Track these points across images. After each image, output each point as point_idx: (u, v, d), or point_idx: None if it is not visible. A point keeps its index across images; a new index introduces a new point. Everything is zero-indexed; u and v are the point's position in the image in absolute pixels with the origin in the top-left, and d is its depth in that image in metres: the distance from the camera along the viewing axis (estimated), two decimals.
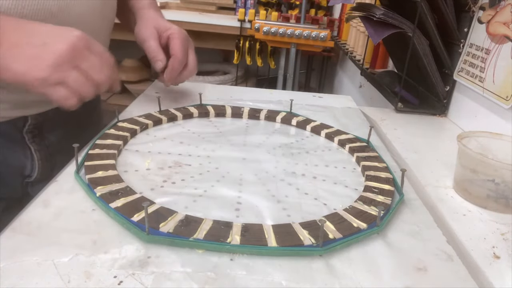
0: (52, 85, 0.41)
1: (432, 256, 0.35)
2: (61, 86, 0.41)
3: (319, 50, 1.96)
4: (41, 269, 0.29)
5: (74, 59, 0.42)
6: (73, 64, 0.42)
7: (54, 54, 0.41)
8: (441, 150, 0.60)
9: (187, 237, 0.33)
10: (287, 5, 2.24)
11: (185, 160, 0.48)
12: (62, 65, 0.41)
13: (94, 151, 0.46)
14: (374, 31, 0.70)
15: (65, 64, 0.41)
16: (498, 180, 0.43)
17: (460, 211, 0.44)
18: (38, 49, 0.40)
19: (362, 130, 0.61)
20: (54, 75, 0.41)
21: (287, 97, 0.73)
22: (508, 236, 0.40)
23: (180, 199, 0.40)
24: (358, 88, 1.55)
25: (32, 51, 0.40)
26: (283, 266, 0.32)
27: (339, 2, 1.45)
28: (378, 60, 1.24)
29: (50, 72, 0.40)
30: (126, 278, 0.29)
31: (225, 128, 0.59)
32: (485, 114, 0.65)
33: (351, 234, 0.35)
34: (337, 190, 0.44)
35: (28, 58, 0.40)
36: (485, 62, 0.64)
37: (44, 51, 0.40)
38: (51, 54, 0.41)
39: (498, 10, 0.63)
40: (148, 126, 0.56)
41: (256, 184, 0.44)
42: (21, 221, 0.34)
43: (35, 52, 0.40)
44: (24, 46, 0.41)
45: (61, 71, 0.41)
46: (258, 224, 0.36)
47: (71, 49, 0.41)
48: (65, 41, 0.42)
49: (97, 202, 0.38)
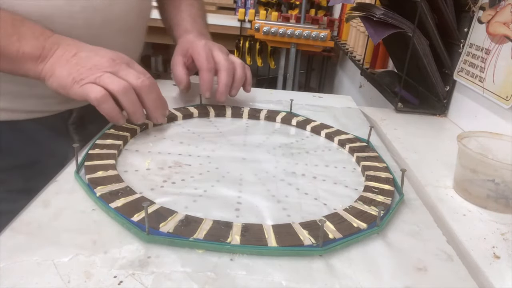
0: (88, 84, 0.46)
1: (432, 256, 0.35)
2: (95, 84, 0.46)
3: (319, 50, 1.96)
4: (41, 269, 0.29)
5: (111, 67, 0.47)
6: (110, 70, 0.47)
7: (93, 61, 0.47)
8: (441, 150, 0.60)
9: (187, 237, 0.33)
10: (287, 5, 2.24)
11: (185, 160, 0.48)
12: (99, 69, 0.46)
13: (94, 151, 0.46)
14: (374, 31, 0.70)
15: (101, 69, 0.46)
16: (498, 180, 0.43)
17: (460, 211, 0.44)
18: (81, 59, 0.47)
19: (362, 130, 0.61)
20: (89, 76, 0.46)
21: (287, 97, 0.73)
22: (508, 236, 0.40)
23: (180, 199, 0.40)
24: (358, 88, 1.55)
25: (76, 61, 0.47)
26: (283, 266, 0.32)
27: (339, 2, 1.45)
28: (378, 60, 1.24)
29: (85, 73, 0.46)
30: (126, 278, 0.29)
31: (225, 128, 0.59)
32: (485, 114, 0.65)
33: (351, 234, 0.35)
34: (337, 190, 0.44)
35: (71, 64, 0.47)
36: (485, 62, 0.64)
37: (85, 61, 0.47)
38: (91, 62, 0.47)
39: (498, 10, 0.63)
40: (148, 126, 0.56)
41: (256, 184, 0.44)
42: (21, 221, 0.35)
43: (78, 61, 0.47)
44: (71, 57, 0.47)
45: (96, 73, 0.46)
46: (258, 224, 0.36)
47: (110, 60, 0.48)
48: (105, 55, 0.48)
49: (97, 202, 0.38)
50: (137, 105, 0.49)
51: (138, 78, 0.48)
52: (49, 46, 0.48)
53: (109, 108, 0.47)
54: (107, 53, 0.49)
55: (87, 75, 0.46)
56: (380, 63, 1.24)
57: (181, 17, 0.72)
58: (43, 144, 0.62)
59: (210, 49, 0.62)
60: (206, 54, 0.61)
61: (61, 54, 0.48)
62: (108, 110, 0.47)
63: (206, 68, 0.60)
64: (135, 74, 0.48)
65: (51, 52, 0.48)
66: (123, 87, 0.46)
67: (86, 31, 0.57)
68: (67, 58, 0.47)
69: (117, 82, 0.46)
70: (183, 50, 0.65)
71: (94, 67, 0.46)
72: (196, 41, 0.63)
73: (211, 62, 0.61)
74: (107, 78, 0.46)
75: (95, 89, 0.45)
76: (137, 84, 0.48)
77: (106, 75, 0.46)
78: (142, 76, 0.49)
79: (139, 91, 0.49)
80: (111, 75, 0.47)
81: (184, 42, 0.66)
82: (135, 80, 0.48)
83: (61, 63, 0.47)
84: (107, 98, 0.46)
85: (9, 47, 0.47)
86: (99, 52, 0.49)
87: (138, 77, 0.48)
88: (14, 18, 0.48)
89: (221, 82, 0.61)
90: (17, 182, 0.38)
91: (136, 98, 0.48)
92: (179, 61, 0.64)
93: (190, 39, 0.65)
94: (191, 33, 0.68)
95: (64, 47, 0.48)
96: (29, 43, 0.47)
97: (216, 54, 0.62)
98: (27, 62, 0.48)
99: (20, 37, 0.47)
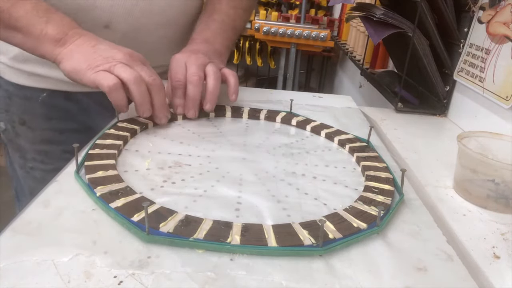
0: (101, 71, 0.48)
1: (432, 256, 0.35)
2: (108, 72, 0.48)
3: (319, 50, 1.96)
4: (41, 269, 0.29)
5: (126, 60, 0.50)
6: (125, 62, 0.49)
7: (110, 53, 0.50)
8: (441, 150, 0.60)
9: (187, 237, 0.33)
10: (287, 5, 2.24)
11: (185, 160, 0.48)
12: (115, 59, 0.49)
13: (94, 151, 0.46)
14: (374, 31, 0.70)
15: (117, 60, 0.49)
16: (498, 180, 0.43)
17: (460, 211, 0.44)
18: (99, 49, 0.50)
19: (362, 130, 0.61)
20: (104, 64, 0.48)
21: (287, 97, 0.73)
22: (508, 236, 0.40)
23: (180, 199, 0.40)
24: (358, 88, 1.55)
25: (93, 50, 0.50)
26: (283, 266, 0.32)
27: (339, 2, 1.45)
28: (378, 60, 1.24)
29: (101, 61, 0.49)
30: (126, 278, 0.29)
31: (225, 128, 0.59)
32: (485, 114, 0.65)
33: (351, 234, 0.35)
34: (337, 190, 0.44)
35: (89, 52, 0.50)
36: (485, 62, 0.64)
37: (103, 51, 0.50)
38: (108, 53, 0.50)
39: (498, 10, 0.63)
40: (148, 126, 0.56)
41: (256, 184, 0.44)
42: (21, 221, 0.34)
43: (95, 51, 0.50)
44: (89, 47, 0.51)
45: (111, 62, 0.49)
46: (258, 224, 0.36)
47: (127, 54, 0.50)
48: (122, 50, 0.51)
49: (97, 202, 0.38)
50: (147, 97, 0.51)
51: (151, 76, 0.51)
52: (72, 34, 0.52)
53: (118, 97, 0.49)
54: (125, 49, 0.52)
55: (102, 63, 0.48)
56: (380, 63, 1.24)
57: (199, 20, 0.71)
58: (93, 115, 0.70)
59: (184, 61, 0.58)
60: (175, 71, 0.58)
61: (81, 43, 0.51)
62: (118, 99, 0.49)
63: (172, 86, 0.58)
64: (148, 72, 0.51)
65: (72, 40, 0.51)
66: (135, 76, 0.49)
67: (126, 20, 0.62)
68: (86, 47, 0.51)
69: (130, 72, 0.49)
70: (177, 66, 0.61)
71: (111, 57, 0.49)
72: (177, 54, 0.60)
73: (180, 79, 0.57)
74: (121, 67, 0.48)
75: (108, 77, 0.48)
76: (149, 80, 0.50)
77: (120, 64, 0.49)
78: (154, 75, 0.51)
79: (150, 87, 0.51)
80: (125, 65, 0.49)
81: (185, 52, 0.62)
82: (148, 77, 0.50)
83: (79, 50, 0.50)
84: (118, 87, 0.48)
85: (35, 26, 0.51)
86: (117, 47, 0.52)
87: (151, 75, 0.51)
88: (49, 6, 0.53)
89: (186, 96, 0.57)
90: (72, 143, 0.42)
91: (146, 90, 0.50)
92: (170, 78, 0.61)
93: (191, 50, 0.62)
94: (192, 42, 0.65)
95: (85, 38, 0.52)
96: (54, 27, 0.51)
97: (188, 66, 0.57)
98: (46, 43, 0.51)
99: (49, 20, 0.51)
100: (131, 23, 0.63)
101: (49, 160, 0.72)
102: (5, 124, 0.72)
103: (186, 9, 0.69)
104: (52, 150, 0.72)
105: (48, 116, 0.70)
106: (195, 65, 0.57)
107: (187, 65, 0.58)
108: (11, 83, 0.68)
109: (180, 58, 0.59)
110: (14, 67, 0.67)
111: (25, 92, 0.68)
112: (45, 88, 0.68)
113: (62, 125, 0.71)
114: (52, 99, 0.69)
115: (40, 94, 0.68)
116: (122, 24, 0.62)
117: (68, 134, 0.71)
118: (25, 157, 0.72)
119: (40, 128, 0.70)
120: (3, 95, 0.70)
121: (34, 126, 0.70)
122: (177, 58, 0.59)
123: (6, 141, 0.74)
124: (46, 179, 0.42)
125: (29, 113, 0.69)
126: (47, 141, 0.71)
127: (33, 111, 0.69)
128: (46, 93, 0.68)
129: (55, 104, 0.69)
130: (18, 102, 0.69)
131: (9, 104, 0.70)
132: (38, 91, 0.68)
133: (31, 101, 0.68)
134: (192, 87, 0.57)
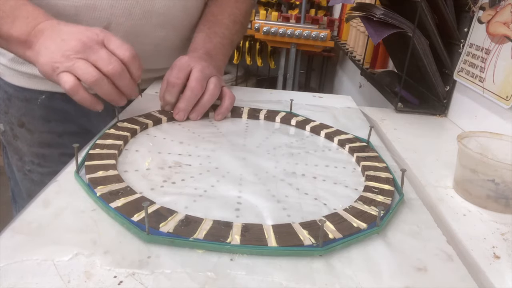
0: (62, 72, 0.47)
1: (432, 256, 0.35)
2: (68, 73, 0.47)
3: (319, 50, 1.96)
4: (41, 269, 0.29)
5: (83, 51, 0.47)
6: (81, 55, 0.47)
7: (66, 47, 0.47)
8: (441, 150, 0.60)
9: (187, 237, 0.33)
10: (287, 5, 2.24)
11: (185, 160, 0.48)
12: (70, 56, 0.47)
13: (95, 151, 0.46)
14: (374, 31, 0.70)
15: (73, 55, 0.47)
16: (498, 180, 0.43)
17: (460, 211, 0.44)
18: (57, 44, 0.48)
19: (362, 130, 0.61)
20: (63, 64, 0.47)
21: (287, 97, 0.73)
22: (508, 236, 0.40)
23: (180, 199, 0.40)
24: (358, 88, 1.55)
25: (53, 47, 0.48)
26: (283, 266, 0.32)
27: (339, 2, 1.45)
28: (378, 60, 1.24)
29: (61, 62, 0.47)
30: (126, 278, 0.29)
31: (225, 128, 0.59)
32: (485, 114, 0.65)
33: (351, 234, 0.35)
34: (337, 190, 0.44)
35: (49, 51, 0.48)
36: (485, 62, 0.64)
37: (60, 46, 0.47)
38: (64, 47, 0.47)
39: (498, 10, 0.63)
40: (148, 126, 0.56)
41: (256, 184, 0.44)
42: (21, 221, 0.35)
43: (54, 47, 0.48)
44: (50, 43, 0.48)
45: (69, 61, 0.47)
46: (258, 224, 0.36)
47: (81, 44, 0.47)
48: (78, 37, 0.48)
49: (97, 202, 0.38)
50: (113, 93, 0.50)
51: (109, 63, 0.48)
52: (34, 33, 0.49)
53: (81, 98, 0.48)
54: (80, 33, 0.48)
55: (61, 63, 0.47)
56: (380, 63, 1.24)
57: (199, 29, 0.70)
58: (92, 117, 0.69)
59: (189, 66, 0.57)
60: (179, 69, 0.57)
61: (44, 40, 0.49)
62: (81, 100, 0.49)
63: (168, 81, 0.57)
64: (105, 59, 0.48)
65: (36, 39, 0.49)
66: (94, 79, 0.47)
67: (126, 21, 0.62)
68: (49, 43, 0.48)
69: (87, 72, 0.47)
70: None
71: (66, 54, 0.47)
72: (184, 56, 0.60)
73: (179, 78, 0.56)
74: (79, 67, 0.47)
75: (68, 79, 0.47)
76: (107, 71, 0.48)
77: (78, 63, 0.47)
78: (113, 60, 0.48)
79: (111, 78, 0.48)
80: (84, 63, 0.47)
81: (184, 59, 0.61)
82: (106, 67, 0.48)
83: (44, 50, 0.48)
84: (78, 88, 0.47)
85: (2, 28, 0.50)
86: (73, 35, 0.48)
87: (109, 62, 0.48)
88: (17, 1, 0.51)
89: (182, 98, 0.57)
90: (70, 146, 0.42)
91: (109, 87, 0.49)
92: None
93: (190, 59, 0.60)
94: (195, 51, 0.65)
95: (47, 33, 0.49)
96: (18, 27, 0.50)
97: (194, 71, 0.57)
98: (15, 46, 0.51)
99: (14, 20, 0.50)
100: (131, 24, 0.63)
101: (47, 163, 0.72)
102: (4, 126, 0.71)
103: (187, 10, 0.69)
104: (50, 153, 0.71)
105: (47, 118, 0.69)
106: (201, 72, 0.57)
107: (192, 69, 0.57)
108: (11, 84, 0.68)
109: (187, 59, 0.59)
110: (13, 68, 0.67)
111: (24, 93, 0.68)
112: (44, 90, 0.67)
113: (60, 127, 0.70)
114: (51, 101, 0.68)
115: (39, 96, 0.68)
116: (123, 25, 0.62)
117: (66, 137, 0.71)
118: (23, 159, 0.72)
119: (39, 131, 0.70)
120: (2, 96, 0.70)
121: (33, 128, 0.69)
122: (185, 58, 0.59)
123: (5, 143, 0.73)
124: (44, 182, 0.42)
125: (28, 115, 0.69)
126: (46, 144, 0.70)
127: (32, 113, 0.69)
128: (45, 95, 0.68)
129: (54, 106, 0.69)
130: (17, 104, 0.69)
131: (8, 106, 0.69)
132: (37, 93, 0.68)
133: (30, 103, 0.68)
134: (190, 93, 0.57)
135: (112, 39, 0.49)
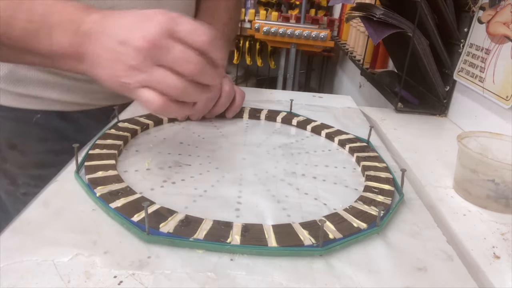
0: (137, 88, 0.38)
1: (432, 256, 0.35)
2: (148, 89, 0.38)
3: (319, 50, 1.96)
4: (41, 269, 0.29)
5: (153, 56, 0.37)
6: (152, 61, 0.37)
7: (132, 55, 0.37)
8: (441, 150, 0.60)
9: (187, 237, 0.33)
10: (287, 5, 2.24)
11: (185, 160, 0.48)
12: (142, 67, 0.37)
13: (94, 151, 0.46)
14: (374, 31, 0.70)
15: (142, 64, 0.37)
16: (498, 180, 0.43)
17: (460, 211, 0.44)
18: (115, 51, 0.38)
19: (362, 130, 0.61)
20: (134, 78, 0.38)
21: (287, 97, 0.73)
22: (508, 236, 0.40)
23: (180, 199, 0.40)
24: (358, 88, 1.55)
25: (110, 55, 0.38)
26: (283, 266, 0.32)
27: (339, 2, 1.45)
28: (378, 60, 1.24)
29: (130, 75, 0.38)
30: (126, 278, 0.29)
31: (225, 128, 0.59)
32: (485, 114, 0.65)
33: (351, 234, 0.35)
34: (337, 190, 0.44)
35: (109, 61, 0.38)
36: (485, 62, 0.64)
37: (122, 53, 0.37)
38: (129, 55, 0.37)
39: (498, 10, 0.63)
40: (149, 126, 0.56)
41: (256, 184, 0.44)
42: (21, 221, 0.35)
43: (114, 56, 0.38)
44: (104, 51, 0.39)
45: (142, 72, 0.37)
46: (258, 224, 0.36)
47: (147, 44, 0.36)
48: (140, 36, 0.37)
49: (97, 202, 0.38)
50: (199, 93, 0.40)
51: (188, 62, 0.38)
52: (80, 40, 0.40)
53: (176, 113, 0.40)
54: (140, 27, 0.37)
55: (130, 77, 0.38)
56: (380, 63, 1.24)
57: None
58: (91, 133, 0.60)
59: None
60: None
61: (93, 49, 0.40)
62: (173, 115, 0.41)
63: None
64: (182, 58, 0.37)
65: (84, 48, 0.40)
66: (179, 91, 0.38)
67: None
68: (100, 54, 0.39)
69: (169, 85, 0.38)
70: None
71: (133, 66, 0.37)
72: None
73: None
74: (157, 80, 0.37)
75: (151, 98, 0.38)
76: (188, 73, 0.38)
77: (154, 74, 0.37)
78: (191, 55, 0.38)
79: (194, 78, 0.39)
80: (161, 73, 0.37)
81: None
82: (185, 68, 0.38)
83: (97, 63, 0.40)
84: (167, 106, 0.38)
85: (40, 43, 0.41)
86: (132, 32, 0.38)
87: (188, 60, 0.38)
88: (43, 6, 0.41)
89: None
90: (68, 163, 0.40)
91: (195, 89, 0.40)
92: None
93: None
94: None
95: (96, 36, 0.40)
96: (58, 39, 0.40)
97: None
98: (63, 62, 0.42)
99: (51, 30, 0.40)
100: None
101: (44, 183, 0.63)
102: None
103: (189, 11, 0.68)
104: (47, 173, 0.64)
105: (43, 138, 0.64)
106: None
107: None
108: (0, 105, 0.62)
109: None
110: (3, 88, 0.61)
111: (16, 114, 0.62)
112: (39, 109, 0.62)
113: (58, 146, 0.65)
114: (47, 120, 0.63)
115: (33, 115, 0.62)
116: None
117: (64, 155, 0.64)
118: (16, 183, 0.66)
119: (33, 152, 0.64)
120: None
121: (26, 149, 0.64)
122: None
123: None
124: None
125: (21, 136, 0.63)
126: (42, 165, 0.65)
127: (26, 134, 0.63)
128: (40, 114, 0.62)
129: (50, 125, 0.64)
130: (7, 125, 0.63)
131: None
132: (32, 113, 0.62)
133: (24, 123, 0.63)
134: None
135: (180, 23, 0.38)
